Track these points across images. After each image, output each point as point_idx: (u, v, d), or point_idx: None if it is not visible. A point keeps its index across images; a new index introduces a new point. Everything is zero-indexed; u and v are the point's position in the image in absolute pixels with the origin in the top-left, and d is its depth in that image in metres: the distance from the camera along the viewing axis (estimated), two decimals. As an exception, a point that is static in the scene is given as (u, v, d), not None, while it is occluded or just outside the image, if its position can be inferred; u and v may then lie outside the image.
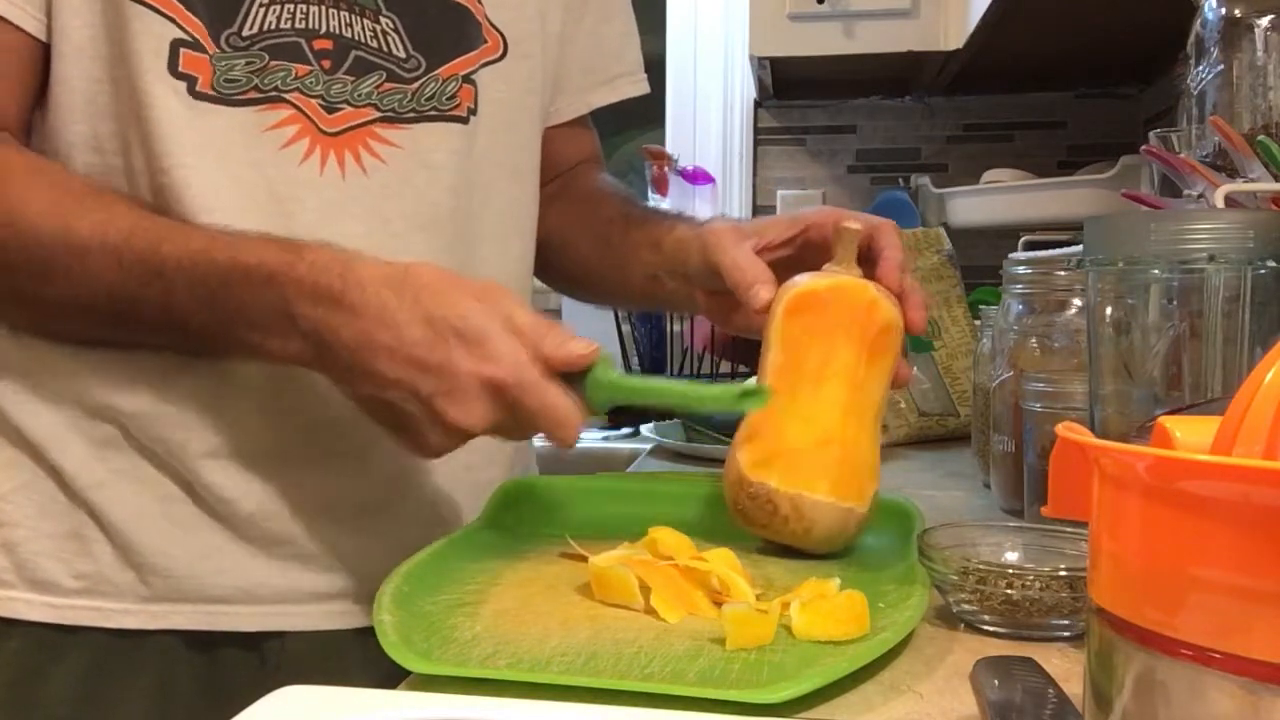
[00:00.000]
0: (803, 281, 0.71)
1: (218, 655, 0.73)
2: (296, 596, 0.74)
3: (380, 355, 0.60)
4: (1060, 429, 0.38)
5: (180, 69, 0.68)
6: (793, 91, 2.03)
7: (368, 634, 0.74)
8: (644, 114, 2.21)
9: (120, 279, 0.64)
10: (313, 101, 0.72)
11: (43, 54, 0.70)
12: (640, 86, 0.96)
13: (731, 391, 0.64)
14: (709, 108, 2.16)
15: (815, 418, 0.68)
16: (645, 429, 1.38)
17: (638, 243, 0.86)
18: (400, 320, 0.60)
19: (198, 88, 0.69)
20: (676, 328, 1.84)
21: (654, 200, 2.10)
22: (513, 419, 0.61)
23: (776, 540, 0.68)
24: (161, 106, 0.68)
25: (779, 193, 2.10)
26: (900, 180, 2.00)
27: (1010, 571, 0.56)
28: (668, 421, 1.39)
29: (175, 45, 0.68)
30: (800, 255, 0.77)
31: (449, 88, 0.76)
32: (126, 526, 0.71)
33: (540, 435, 0.63)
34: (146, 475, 0.71)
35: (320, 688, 0.44)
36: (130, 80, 0.68)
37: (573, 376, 0.62)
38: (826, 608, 0.53)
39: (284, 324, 0.62)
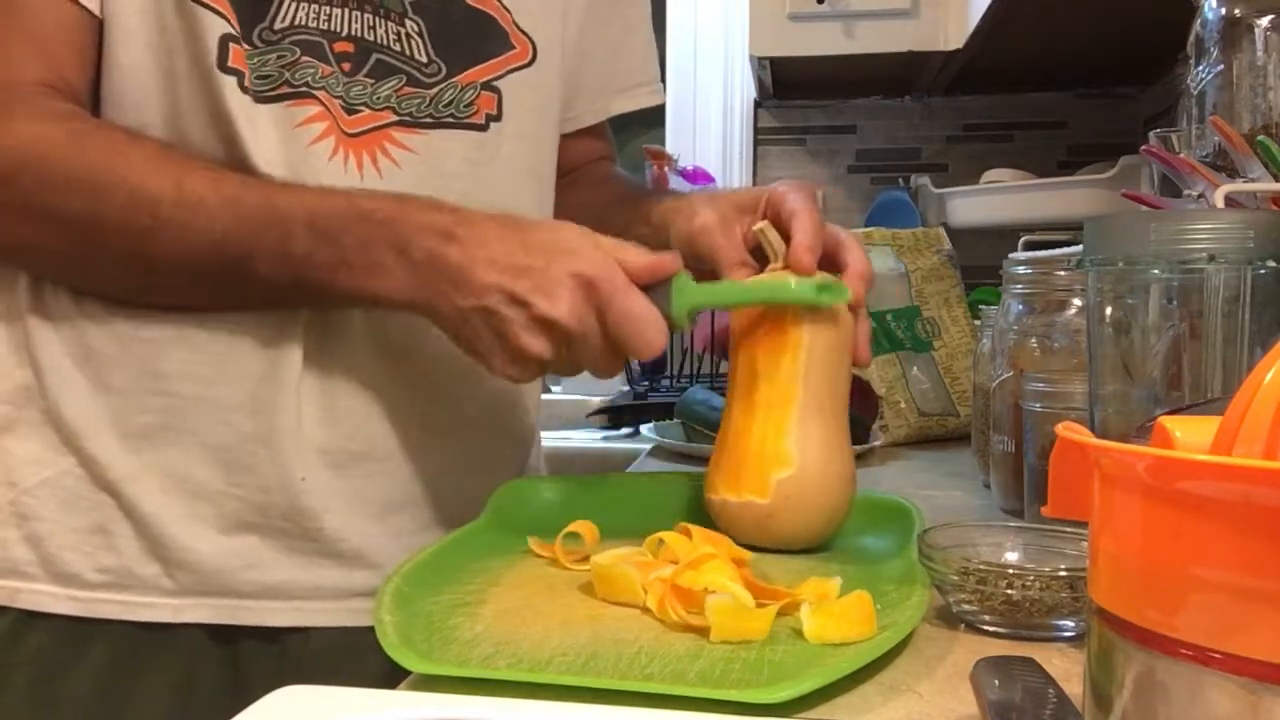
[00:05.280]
0: None
1: (241, 649, 0.74)
2: (321, 593, 0.74)
3: (479, 265, 0.64)
4: (1060, 429, 0.37)
5: (229, 64, 0.69)
6: (793, 91, 2.03)
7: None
8: (645, 114, 2.21)
9: (235, 228, 0.66)
10: (336, 101, 0.72)
11: (99, 30, 0.69)
12: (658, 96, 0.98)
13: (811, 284, 0.68)
14: (709, 108, 2.16)
15: (725, 417, 0.73)
16: (645, 429, 1.38)
17: (630, 219, 0.87)
18: (502, 239, 0.65)
19: (245, 83, 0.69)
20: (676, 328, 1.84)
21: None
22: (598, 322, 0.64)
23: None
24: (221, 102, 0.69)
25: (779, 193, 2.10)
26: (900, 180, 2.00)
27: (1011, 572, 0.56)
28: (668, 422, 1.39)
29: (224, 40, 0.69)
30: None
31: (467, 95, 0.77)
32: (155, 520, 0.71)
33: (615, 352, 0.65)
34: (181, 469, 0.72)
35: (320, 687, 0.44)
36: (191, 74, 0.69)
37: (654, 293, 0.66)
38: (837, 610, 0.53)
39: (397, 256, 0.65)
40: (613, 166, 0.99)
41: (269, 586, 0.73)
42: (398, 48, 0.74)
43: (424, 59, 0.75)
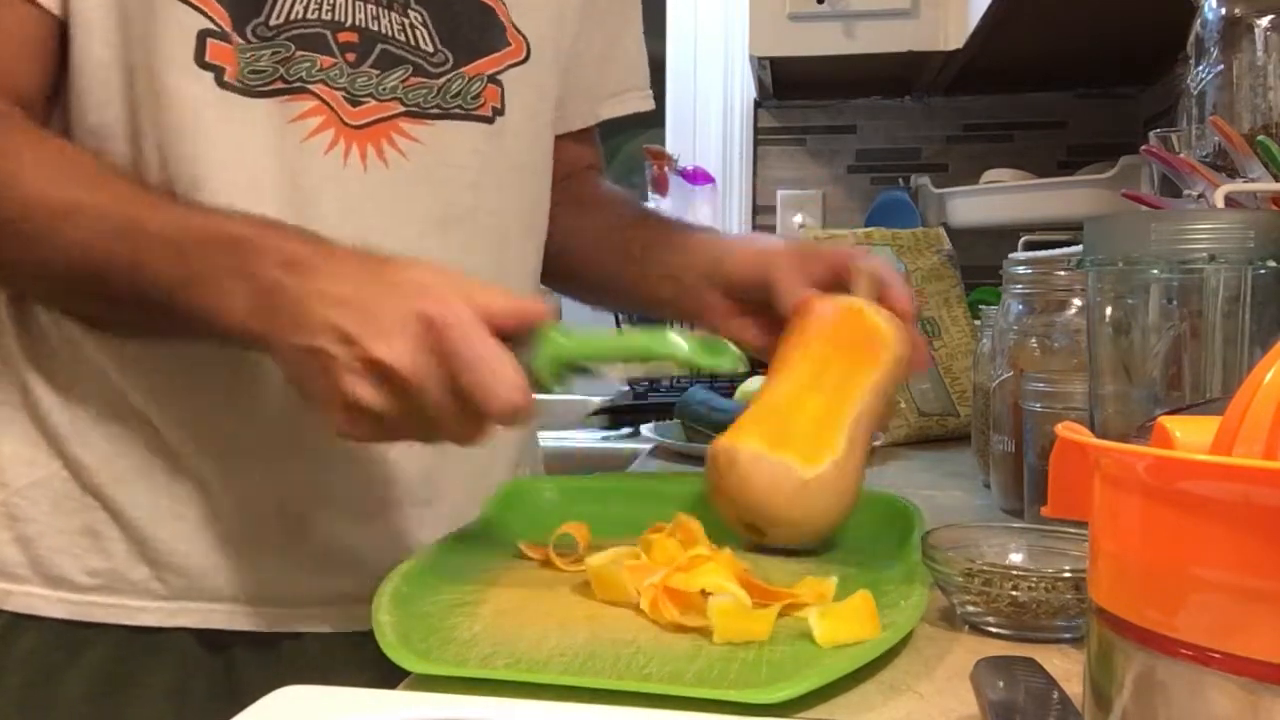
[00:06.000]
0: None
1: (234, 655, 0.73)
2: (313, 598, 0.74)
3: (313, 298, 0.57)
4: (1060, 429, 0.37)
5: (207, 59, 0.68)
6: (793, 91, 2.03)
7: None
8: (644, 114, 2.21)
9: (97, 238, 0.62)
10: (337, 94, 0.72)
11: (62, 32, 0.69)
12: (647, 102, 0.98)
13: (695, 342, 0.60)
14: (709, 108, 2.16)
15: (772, 389, 0.71)
16: (645, 429, 1.38)
17: (653, 243, 0.87)
18: (351, 275, 0.58)
19: (225, 78, 0.69)
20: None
21: (654, 200, 2.10)
22: (445, 368, 0.55)
23: (734, 511, 0.68)
24: (185, 96, 0.68)
25: (779, 192, 2.10)
26: (900, 180, 2.00)
27: (1016, 573, 0.55)
28: (668, 421, 1.39)
29: (202, 35, 0.68)
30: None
31: (474, 86, 0.76)
32: (143, 524, 0.71)
33: (473, 412, 0.56)
34: (168, 473, 0.71)
35: (320, 688, 0.44)
36: (150, 69, 0.68)
37: (517, 346, 0.57)
38: (846, 612, 0.53)
39: (240, 280, 0.59)
40: (604, 180, 1.00)
41: (260, 591, 0.73)
42: (402, 38, 0.74)
43: (430, 49, 0.75)
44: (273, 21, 0.70)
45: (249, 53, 0.69)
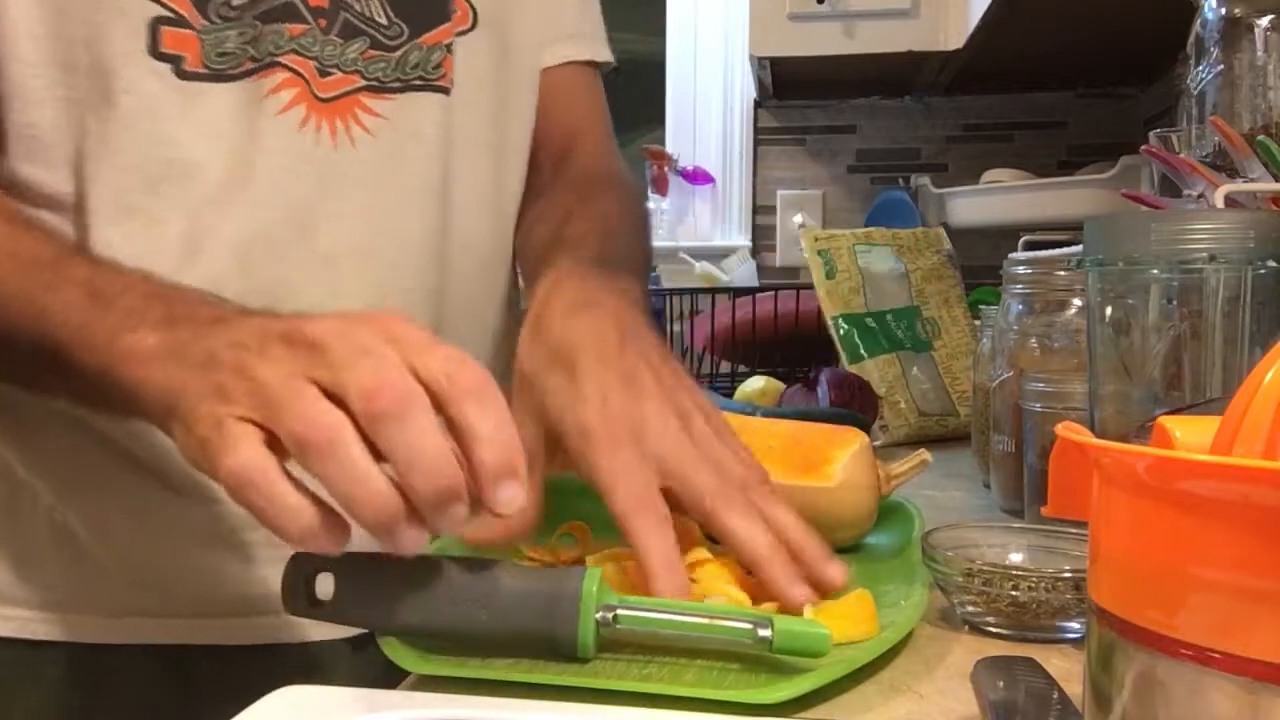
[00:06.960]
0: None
1: (196, 669, 0.71)
2: (277, 607, 0.72)
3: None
4: (1060, 429, 0.37)
5: (163, 49, 0.65)
6: (793, 91, 2.03)
7: (352, 643, 0.72)
8: (644, 114, 2.21)
9: (20, 280, 0.55)
10: (309, 63, 0.69)
11: None
12: (584, 50, 0.87)
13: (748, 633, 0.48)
14: (709, 108, 2.16)
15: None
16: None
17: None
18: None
19: (185, 67, 0.65)
20: (676, 328, 1.84)
21: (653, 200, 2.10)
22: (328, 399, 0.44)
23: None
24: (141, 92, 0.65)
25: (779, 192, 2.10)
26: (900, 180, 1.99)
27: (1016, 573, 0.55)
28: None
29: (155, 24, 0.65)
30: None
31: (434, 56, 0.74)
32: (95, 538, 0.68)
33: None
34: (121, 483, 0.68)
35: (320, 688, 0.44)
36: (97, 67, 0.64)
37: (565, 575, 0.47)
38: (840, 610, 0.53)
39: (160, 327, 0.50)
40: (585, 161, 0.88)
41: (219, 602, 0.70)
42: (359, 8, 0.71)
43: (384, 21, 0.72)
44: (235, 1, 0.67)
45: (213, 35, 0.66)
